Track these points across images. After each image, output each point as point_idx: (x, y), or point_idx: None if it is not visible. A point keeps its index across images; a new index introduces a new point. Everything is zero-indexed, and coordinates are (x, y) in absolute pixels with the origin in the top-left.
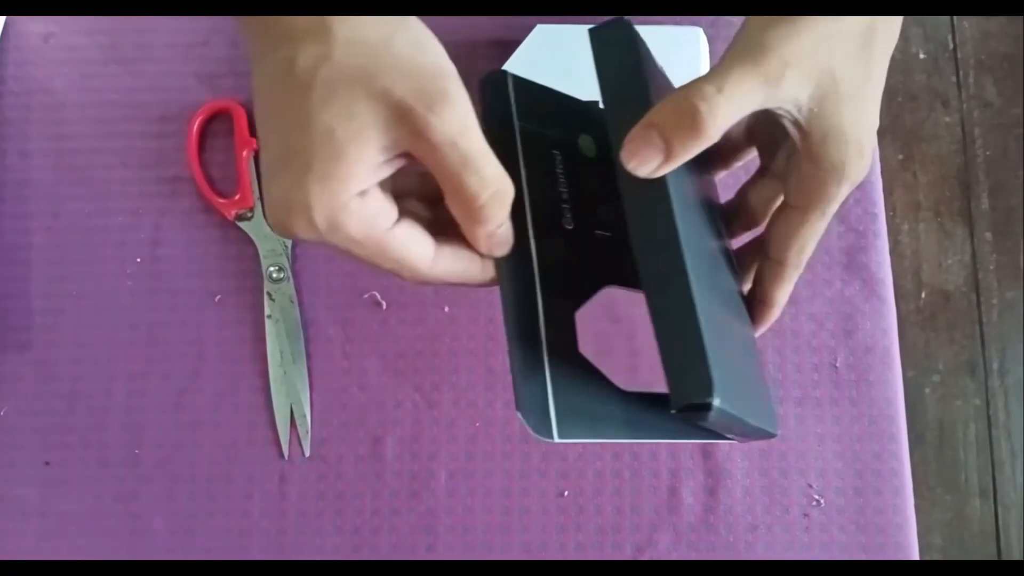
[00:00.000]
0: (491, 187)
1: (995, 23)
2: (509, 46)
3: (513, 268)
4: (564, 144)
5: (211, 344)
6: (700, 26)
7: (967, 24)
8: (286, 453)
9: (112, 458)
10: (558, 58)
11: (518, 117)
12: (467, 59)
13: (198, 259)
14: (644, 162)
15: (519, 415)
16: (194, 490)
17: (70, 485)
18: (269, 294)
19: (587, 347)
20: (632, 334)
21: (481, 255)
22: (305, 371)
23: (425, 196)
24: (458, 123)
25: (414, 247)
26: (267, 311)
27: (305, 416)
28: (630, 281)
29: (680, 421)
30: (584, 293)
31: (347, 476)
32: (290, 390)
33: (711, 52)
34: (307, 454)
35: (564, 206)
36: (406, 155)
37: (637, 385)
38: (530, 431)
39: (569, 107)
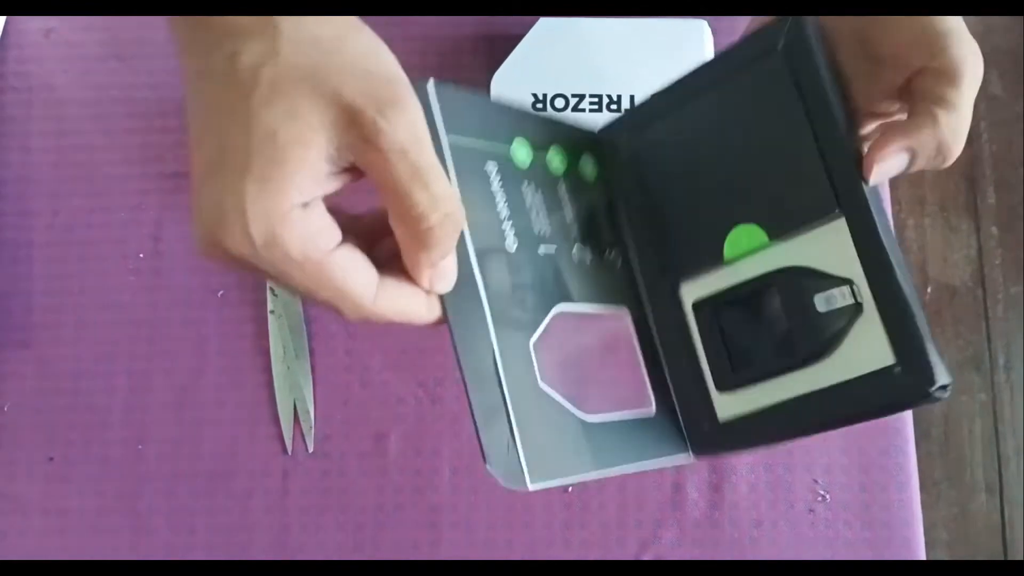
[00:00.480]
0: (440, 209)
1: (999, 17)
2: (511, 40)
3: (460, 303)
4: (497, 156)
5: (213, 340)
6: (705, 19)
7: (971, 18)
8: (289, 449)
9: (114, 454)
10: (561, 52)
11: (446, 130)
12: (468, 54)
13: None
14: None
15: (487, 467)
16: (196, 486)
17: (72, 482)
18: (272, 289)
19: (547, 379)
20: (589, 358)
21: (425, 290)
22: (308, 367)
23: (361, 235)
24: (410, 131)
25: (358, 275)
26: (270, 306)
27: (308, 412)
28: (580, 295)
29: (649, 441)
30: (536, 319)
31: (350, 472)
32: (293, 386)
33: (715, 45)
34: (310, 450)
35: (504, 225)
36: (351, 171)
37: (600, 413)
38: (500, 482)
39: (499, 114)
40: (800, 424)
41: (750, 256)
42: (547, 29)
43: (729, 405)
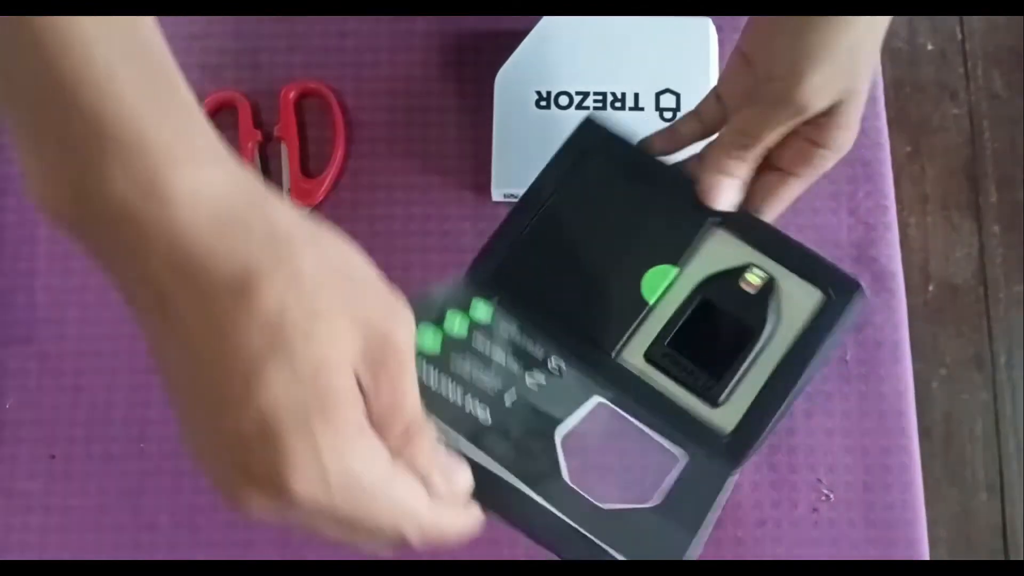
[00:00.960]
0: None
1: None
2: (515, 37)
3: (489, 492)
4: (470, 322)
5: None
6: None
7: (975, 16)
8: None
9: (117, 451)
10: (565, 50)
11: None
12: (471, 52)
13: None
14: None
15: None
16: (199, 483)
17: (75, 479)
18: None
19: (602, 496)
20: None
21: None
22: None
23: None
24: (411, 342)
25: (414, 487)
26: None
27: None
28: (562, 411)
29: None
30: (551, 457)
31: None
32: None
33: (720, 42)
34: None
35: (467, 406)
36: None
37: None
38: None
39: (455, 287)
40: (790, 385)
41: (669, 290)
42: (551, 26)
43: (728, 416)
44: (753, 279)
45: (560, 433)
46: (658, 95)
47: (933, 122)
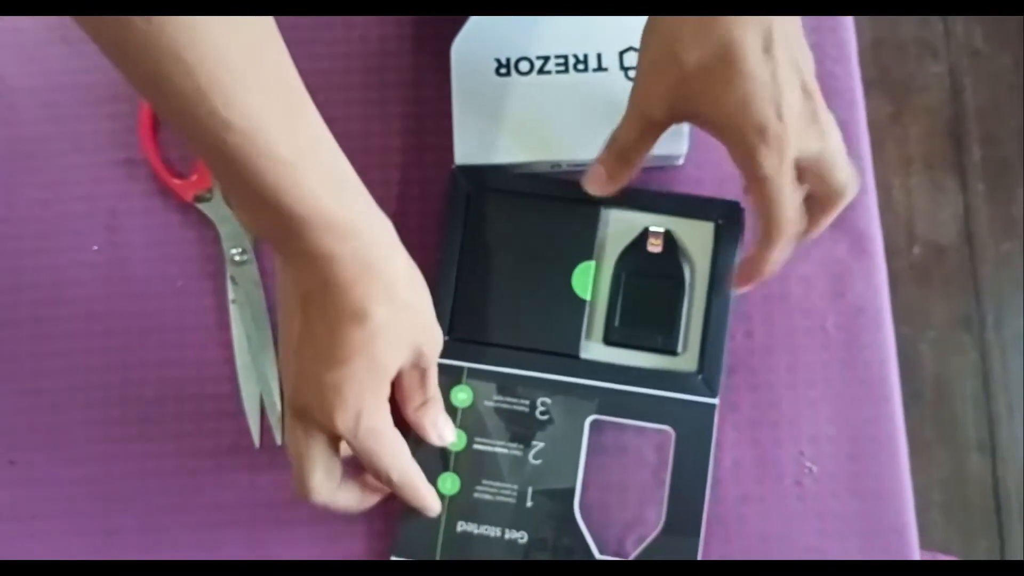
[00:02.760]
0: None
1: None
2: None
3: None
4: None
5: (173, 332)
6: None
7: None
8: (257, 442)
9: (80, 455)
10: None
11: None
12: (429, 23)
13: (157, 244)
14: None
15: None
16: (166, 484)
17: (38, 485)
18: (232, 278)
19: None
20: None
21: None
22: (273, 357)
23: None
24: (439, 351)
25: (406, 450)
26: (231, 296)
27: (275, 404)
28: (577, 447)
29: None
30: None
31: None
32: (259, 377)
33: None
34: (279, 443)
35: (504, 489)
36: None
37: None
38: None
39: None
40: (725, 309)
41: (597, 281)
42: (479, 25)
43: (690, 357)
44: (655, 239)
45: (577, 505)
46: (621, 54)
47: (916, 81)
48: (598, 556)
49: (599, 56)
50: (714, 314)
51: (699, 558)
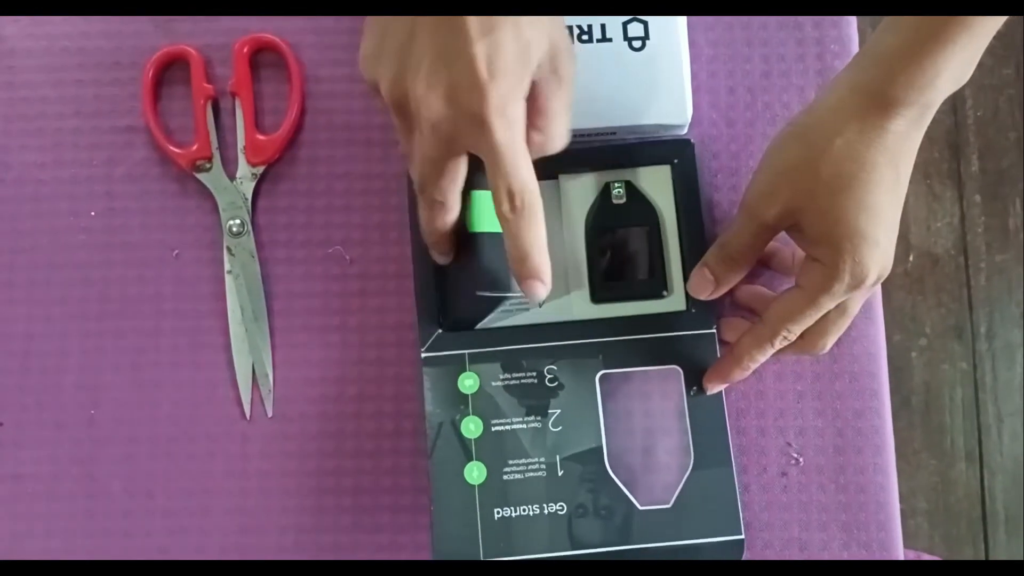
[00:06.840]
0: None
1: None
2: None
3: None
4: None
5: (169, 301)
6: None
7: None
8: (248, 413)
9: (68, 419)
10: None
11: None
12: None
13: (155, 212)
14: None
15: None
16: (154, 451)
17: (25, 447)
18: (229, 249)
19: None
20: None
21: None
22: (267, 329)
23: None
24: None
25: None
26: (227, 266)
27: (267, 376)
28: (592, 402)
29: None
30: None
31: (311, 435)
32: (252, 348)
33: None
34: (269, 414)
35: (543, 458)
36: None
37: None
38: None
39: None
40: (699, 243)
41: (569, 247)
42: None
43: (678, 296)
44: (617, 191)
45: (607, 461)
46: (625, 25)
47: None
48: (640, 508)
49: (603, 27)
50: (689, 251)
51: (736, 487)
